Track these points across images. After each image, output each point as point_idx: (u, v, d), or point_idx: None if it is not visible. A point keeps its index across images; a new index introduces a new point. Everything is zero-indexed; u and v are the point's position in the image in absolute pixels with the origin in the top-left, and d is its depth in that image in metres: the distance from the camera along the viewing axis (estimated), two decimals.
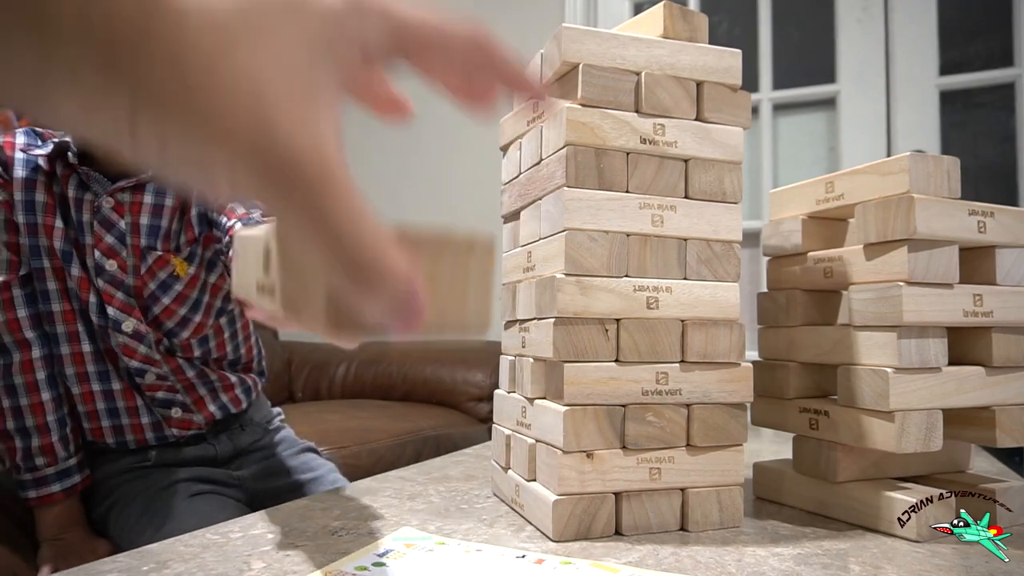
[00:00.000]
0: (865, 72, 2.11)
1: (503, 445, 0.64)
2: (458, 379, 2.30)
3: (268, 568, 0.46)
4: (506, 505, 0.63)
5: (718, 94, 0.57)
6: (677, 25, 0.58)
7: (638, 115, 0.55)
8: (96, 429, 1.01)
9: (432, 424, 1.97)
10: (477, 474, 0.77)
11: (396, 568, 0.45)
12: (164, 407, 1.02)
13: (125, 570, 0.46)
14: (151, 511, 0.94)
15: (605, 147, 0.54)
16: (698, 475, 0.55)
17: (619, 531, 0.54)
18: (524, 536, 0.54)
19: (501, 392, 0.67)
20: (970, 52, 2.03)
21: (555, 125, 0.55)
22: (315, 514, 0.60)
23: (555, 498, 0.52)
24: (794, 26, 2.21)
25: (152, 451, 1.03)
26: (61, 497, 0.95)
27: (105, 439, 1.01)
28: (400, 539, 0.51)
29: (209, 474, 1.03)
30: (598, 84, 0.54)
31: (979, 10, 2.04)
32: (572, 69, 0.55)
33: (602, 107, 0.54)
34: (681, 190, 0.56)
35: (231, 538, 0.53)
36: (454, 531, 0.54)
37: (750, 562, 0.49)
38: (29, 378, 0.95)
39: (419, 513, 0.60)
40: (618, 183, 0.54)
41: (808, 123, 2.24)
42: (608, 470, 0.53)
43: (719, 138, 0.57)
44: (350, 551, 0.49)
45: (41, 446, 0.95)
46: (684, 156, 0.56)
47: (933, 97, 2.04)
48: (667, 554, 0.50)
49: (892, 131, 2.08)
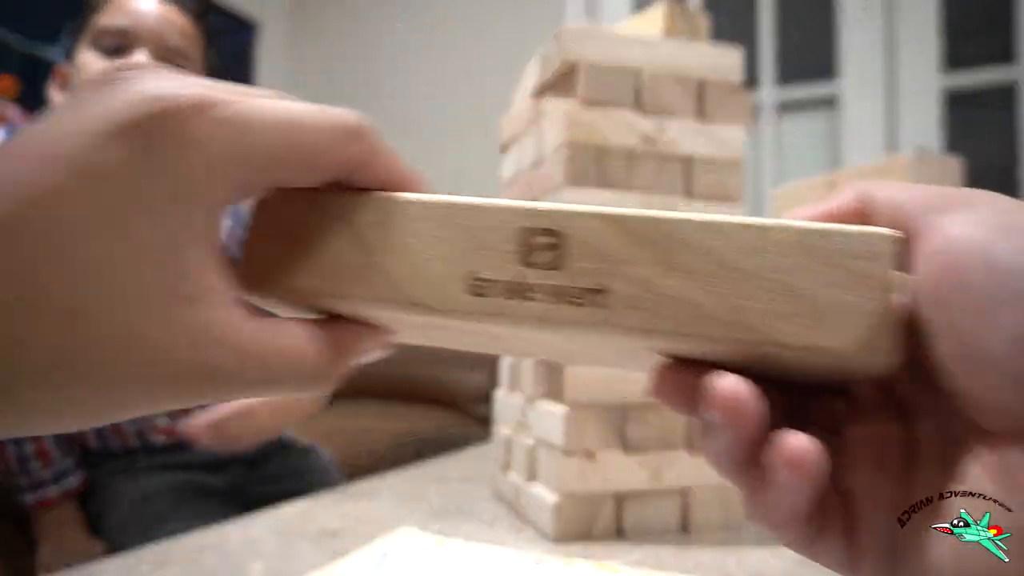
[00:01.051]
0: (866, 71, 2.11)
1: (503, 446, 0.64)
2: (458, 379, 2.30)
3: (267, 569, 0.46)
4: (506, 506, 0.62)
5: (719, 93, 0.57)
6: (678, 24, 0.57)
7: (639, 115, 0.55)
8: (81, 432, 1.00)
9: (432, 424, 1.97)
10: (477, 475, 0.77)
11: (396, 569, 0.45)
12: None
13: (123, 571, 0.46)
14: (139, 516, 0.93)
15: (606, 147, 0.54)
16: (700, 476, 0.55)
17: (620, 532, 0.54)
18: (525, 537, 0.53)
19: (501, 392, 0.66)
20: (972, 50, 2.03)
21: (556, 125, 0.55)
22: (314, 515, 0.60)
23: (556, 499, 0.52)
24: (795, 25, 2.21)
25: (139, 455, 1.02)
26: (58, 500, 0.95)
27: (89, 442, 1.01)
28: (400, 540, 0.51)
29: (200, 479, 1.01)
30: (599, 83, 0.54)
31: (981, 8, 2.04)
32: (573, 69, 0.55)
33: (603, 106, 0.54)
34: (682, 190, 0.56)
35: (230, 539, 0.53)
36: (454, 532, 0.54)
37: (751, 563, 0.48)
38: None
39: (419, 514, 0.60)
40: (619, 183, 0.54)
41: (809, 122, 2.24)
42: (609, 471, 0.53)
43: (720, 137, 0.56)
44: (349, 552, 0.48)
45: (36, 451, 0.95)
46: (685, 156, 0.56)
47: (935, 96, 2.04)
48: (668, 555, 0.49)
49: (893, 130, 2.08)
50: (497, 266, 0.22)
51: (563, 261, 0.21)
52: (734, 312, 0.20)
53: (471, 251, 0.22)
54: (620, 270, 0.21)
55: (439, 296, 0.22)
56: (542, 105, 0.58)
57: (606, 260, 0.21)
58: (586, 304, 0.21)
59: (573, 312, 0.21)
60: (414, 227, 0.22)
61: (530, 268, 0.22)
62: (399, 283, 0.22)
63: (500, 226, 0.22)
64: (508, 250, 0.22)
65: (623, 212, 0.21)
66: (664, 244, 0.21)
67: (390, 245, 0.22)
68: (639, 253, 0.21)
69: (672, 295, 0.21)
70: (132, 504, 0.95)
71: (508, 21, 2.50)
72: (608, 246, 0.21)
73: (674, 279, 0.21)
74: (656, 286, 0.21)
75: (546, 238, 0.22)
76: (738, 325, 0.20)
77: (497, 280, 0.22)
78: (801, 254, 0.20)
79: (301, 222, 0.23)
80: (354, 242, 0.23)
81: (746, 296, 0.20)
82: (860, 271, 0.20)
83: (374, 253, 0.22)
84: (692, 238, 0.21)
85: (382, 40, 2.70)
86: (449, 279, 0.22)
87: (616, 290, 0.21)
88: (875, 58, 2.11)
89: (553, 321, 0.21)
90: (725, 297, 0.20)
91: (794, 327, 0.20)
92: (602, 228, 0.21)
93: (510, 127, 0.66)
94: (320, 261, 0.23)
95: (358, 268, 0.22)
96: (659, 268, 0.21)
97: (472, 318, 0.22)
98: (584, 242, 0.21)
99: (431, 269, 0.22)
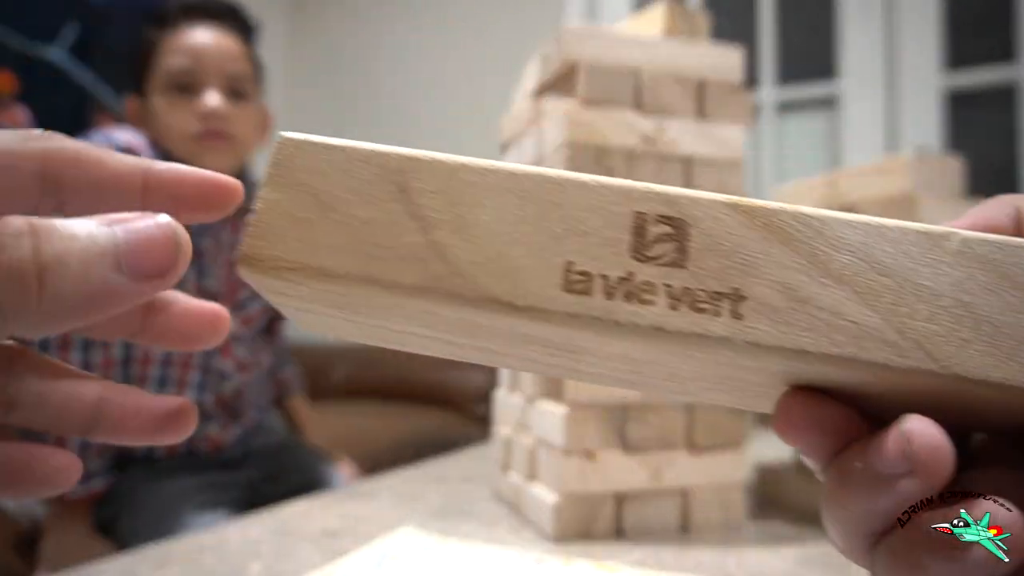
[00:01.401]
0: (866, 71, 2.11)
1: (503, 446, 0.64)
2: (458, 379, 2.30)
3: (267, 570, 0.46)
4: (506, 506, 0.62)
5: (720, 93, 0.57)
6: (678, 24, 0.57)
7: (639, 115, 0.54)
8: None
9: (431, 424, 1.97)
10: (476, 475, 0.77)
11: (396, 569, 0.45)
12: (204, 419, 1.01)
13: (123, 571, 0.46)
14: (160, 522, 0.93)
15: (606, 147, 0.54)
16: (700, 476, 0.55)
17: (620, 532, 0.54)
18: (525, 537, 0.53)
19: (501, 392, 0.66)
20: (972, 50, 2.03)
21: (556, 125, 0.55)
22: (314, 515, 0.60)
23: (556, 499, 0.52)
24: (795, 25, 2.21)
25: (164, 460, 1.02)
26: (78, 501, 0.95)
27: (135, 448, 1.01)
28: (400, 540, 0.51)
29: (219, 479, 1.02)
30: (599, 83, 0.54)
31: (981, 8, 2.04)
32: (573, 68, 0.54)
33: (603, 106, 0.54)
34: None
35: (229, 539, 0.53)
36: (454, 532, 0.54)
37: (752, 563, 0.48)
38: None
39: (419, 514, 0.60)
40: None
41: (809, 122, 2.24)
42: (609, 471, 0.53)
43: (720, 137, 0.56)
44: (349, 552, 0.48)
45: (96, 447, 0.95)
46: (685, 156, 0.56)
47: (935, 96, 2.04)
48: (668, 555, 0.49)
49: (893, 130, 2.08)
50: (603, 257, 0.17)
51: (687, 257, 0.17)
52: (904, 334, 0.17)
53: (568, 236, 0.17)
54: (758, 272, 0.17)
55: (525, 291, 0.17)
56: (542, 105, 0.58)
57: (740, 258, 0.17)
58: (717, 312, 0.17)
59: (700, 321, 0.17)
60: (491, 201, 0.17)
61: (646, 263, 0.17)
62: (469, 271, 0.17)
63: (606, 207, 0.17)
64: (615, 237, 0.17)
65: (758, 203, 0.18)
66: (813, 245, 0.17)
67: (459, 221, 0.17)
68: (782, 253, 0.17)
69: (823, 306, 0.17)
70: (152, 511, 0.95)
71: (508, 21, 2.50)
72: (742, 242, 0.17)
73: (826, 288, 0.17)
74: (803, 294, 0.17)
75: (665, 227, 0.17)
76: (907, 350, 0.17)
77: (604, 275, 0.17)
78: (987, 270, 0.17)
79: (334, 183, 0.18)
80: (407, 214, 0.18)
81: (920, 316, 0.17)
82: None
83: (435, 229, 0.17)
84: (850, 240, 0.17)
85: (382, 40, 2.70)
86: (539, 269, 0.17)
87: (754, 296, 0.17)
88: (875, 58, 2.11)
89: (674, 331, 0.17)
90: (891, 314, 0.17)
91: (980, 358, 0.16)
92: (733, 219, 0.17)
93: (510, 127, 0.66)
94: (359, 236, 0.17)
95: (412, 248, 0.17)
96: (807, 273, 0.17)
97: (567, 323, 0.17)
98: (711, 235, 0.17)
99: (514, 255, 0.17)
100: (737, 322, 0.17)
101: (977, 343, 0.16)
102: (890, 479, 0.17)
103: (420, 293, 0.17)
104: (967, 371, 0.16)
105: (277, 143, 0.18)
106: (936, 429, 0.16)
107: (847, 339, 0.17)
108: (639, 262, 0.17)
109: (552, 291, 0.17)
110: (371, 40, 2.72)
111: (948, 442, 0.16)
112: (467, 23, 2.58)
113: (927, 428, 0.16)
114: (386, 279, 0.17)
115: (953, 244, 0.17)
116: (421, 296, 0.17)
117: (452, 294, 0.17)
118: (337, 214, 0.17)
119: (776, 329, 0.17)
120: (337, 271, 0.17)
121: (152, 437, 0.20)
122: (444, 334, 0.20)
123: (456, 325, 0.19)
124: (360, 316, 0.20)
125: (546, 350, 0.19)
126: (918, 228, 0.17)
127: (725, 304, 0.17)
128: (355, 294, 0.18)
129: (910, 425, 0.16)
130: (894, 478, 0.17)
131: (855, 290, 0.17)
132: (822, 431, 0.18)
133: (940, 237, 0.17)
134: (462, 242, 0.17)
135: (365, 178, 0.18)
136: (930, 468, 0.16)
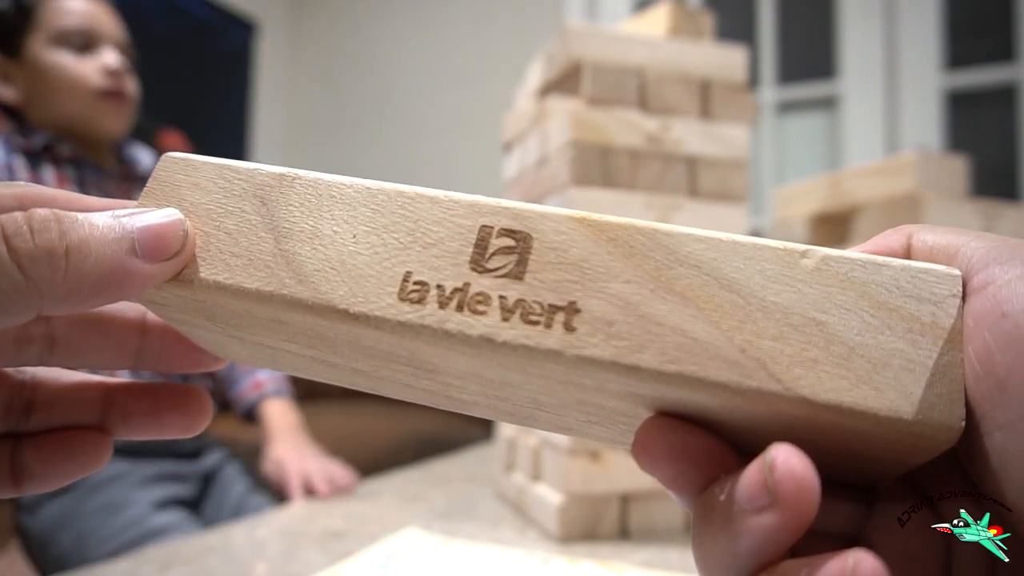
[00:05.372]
0: (866, 71, 2.11)
1: (506, 446, 0.63)
2: None
3: (272, 571, 0.46)
4: (510, 506, 0.62)
5: (723, 92, 0.56)
6: (682, 23, 0.57)
7: (643, 114, 0.54)
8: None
9: (432, 424, 1.96)
10: (479, 475, 0.77)
11: (401, 570, 0.45)
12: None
13: (126, 573, 0.46)
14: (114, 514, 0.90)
15: (610, 146, 0.53)
16: None
17: (625, 532, 0.54)
18: (529, 538, 0.53)
19: None
20: (972, 50, 2.03)
21: (560, 124, 0.55)
22: (318, 516, 0.59)
23: (561, 499, 0.52)
24: (795, 25, 2.21)
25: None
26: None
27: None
28: (404, 541, 0.51)
29: (173, 469, 0.97)
30: (603, 83, 0.54)
31: (981, 8, 2.04)
32: (577, 68, 0.54)
33: (607, 106, 0.54)
34: (686, 189, 0.56)
35: (234, 540, 0.53)
36: (458, 532, 0.54)
37: None
38: None
39: (422, 515, 0.60)
40: (623, 182, 0.54)
41: (809, 122, 2.24)
42: (614, 471, 0.53)
43: (724, 136, 0.56)
44: (354, 553, 0.48)
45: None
46: (689, 155, 0.55)
47: (935, 96, 2.04)
48: (674, 555, 0.49)
49: (894, 130, 2.08)
50: (442, 268, 0.17)
51: (526, 269, 0.17)
52: (746, 352, 0.16)
53: (410, 247, 0.18)
54: (597, 286, 0.17)
55: (362, 298, 0.17)
56: (546, 104, 0.58)
57: (580, 272, 0.17)
58: (550, 324, 0.16)
59: (529, 333, 0.16)
60: (345, 214, 0.18)
61: (483, 274, 0.17)
62: (311, 278, 0.18)
63: (452, 220, 0.18)
64: (457, 249, 0.17)
65: (606, 218, 0.17)
66: (659, 260, 0.17)
67: (311, 232, 0.18)
68: (625, 267, 0.17)
69: (662, 322, 0.16)
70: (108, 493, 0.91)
71: (508, 21, 2.50)
72: (584, 256, 0.17)
73: (668, 303, 0.16)
74: (642, 309, 0.16)
75: (508, 239, 0.17)
76: (749, 370, 0.16)
77: (440, 285, 0.17)
78: (846, 289, 0.16)
79: (209, 197, 0.19)
80: (265, 226, 0.19)
81: (766, 335, 0.16)
82: (920, 316, 0.16)
83: (287, 240, 0.18)
84: (699, 257, 0.16)
85: (382, 40, 2.70)
86: (378, 278, 0.17)
87: (590, 310, 0.16)
88: (875, 58, 2.11)
89: (502, 343, 0.16)
90: (736, 332, 0.16)
91: (830, 381, 0.15)
92: (579, 233, 0.17)
93: (513, 126, 0.66)
94: (220, 246, 0.19)
95: (262, 256, 0.18)
96: (649, 288, 0.16)
97: (399, 331, 0.17)
98: (554, 248, 0.17)
99: (356, 264, 0.18)
100: (569, 335, 0.16)
101: (827, 364, 0.15)
102: (750, 514, 0.15)
103: (264, 299, 0.18)
104: (815, 394, 0.15)
105: (161, 160, 0.20)
106: (802, 459, 0.15)
107: (685, 356, 0.16)
108: (477, 273, 0.17)
109: (387, 299, 0.17)
110: (371, 40, 2.72)
111: (814, 474, 0.15)
112: (467, 23, 2.58)
113: (792, 457, 0.15)
114: (233, 285, 0.18)
115: (811, 261, 0.16)
116: (265, 302, 0.18)
117: (292, 300, 0.18)
118: (207, 226, 0.19)
119: (609, 344, 0.16)
120: (190, 277, 0.18)
121: (189, 366, 0.23)
122: (308, 350, 0.20)
123: (307, 336, 0.19)
124: (234, 331, 0.20)
125: (408, 369, 0.19)
126: (775, 245, 0.17)
127: (559, 317, 0.16)
128: (210, 301, 0.19)
129: (775, 453, 0.15)
130: (755, 512, 0.15)
131: (699, 307, 0.16)
132: (682, 459, 0.17)
133: (799, 254, 0.16)
134: (310, 251, 0.18)
135: (235, 192, 0.19)
136: (792, 501, 0.14)
